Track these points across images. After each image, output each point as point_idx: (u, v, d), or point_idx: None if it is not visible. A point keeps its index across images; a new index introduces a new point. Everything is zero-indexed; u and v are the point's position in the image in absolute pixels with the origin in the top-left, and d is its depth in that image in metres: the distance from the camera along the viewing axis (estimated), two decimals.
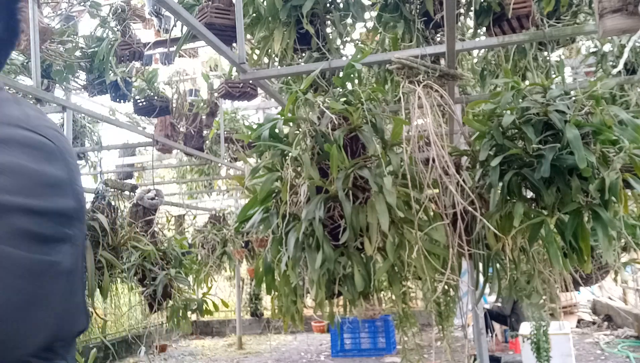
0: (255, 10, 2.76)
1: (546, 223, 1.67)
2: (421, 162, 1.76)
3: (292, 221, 1.82)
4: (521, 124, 1.68)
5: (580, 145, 1.51)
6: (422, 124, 1.80)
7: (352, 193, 1.76)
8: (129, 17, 4.24)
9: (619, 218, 1.61)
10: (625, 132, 1.61)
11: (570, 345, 5.00)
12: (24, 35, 3.27)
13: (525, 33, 2.49)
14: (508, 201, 1.75)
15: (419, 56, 2.02)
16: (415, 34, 2.53)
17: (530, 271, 2.02)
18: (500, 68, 3.22)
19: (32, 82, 2.83)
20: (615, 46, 3.50)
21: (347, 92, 1.89)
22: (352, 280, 1.77)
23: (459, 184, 1.76)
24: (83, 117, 5.39)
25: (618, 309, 7.45)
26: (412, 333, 2.35)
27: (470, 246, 1.84)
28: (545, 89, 1.75)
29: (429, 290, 1.94)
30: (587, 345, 6.73)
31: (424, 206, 1.73)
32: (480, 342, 2.87)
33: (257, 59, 2.86)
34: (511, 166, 1.71)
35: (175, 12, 1.98)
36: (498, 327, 6.66)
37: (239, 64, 2.35)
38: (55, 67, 4.07)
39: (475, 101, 2.05)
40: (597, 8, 1.60)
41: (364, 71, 3.09)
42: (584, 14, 3.04)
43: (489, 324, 6.31)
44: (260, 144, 1.88)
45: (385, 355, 6.79)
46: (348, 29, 2.87)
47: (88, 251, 2.65)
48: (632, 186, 1.63)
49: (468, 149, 1.96)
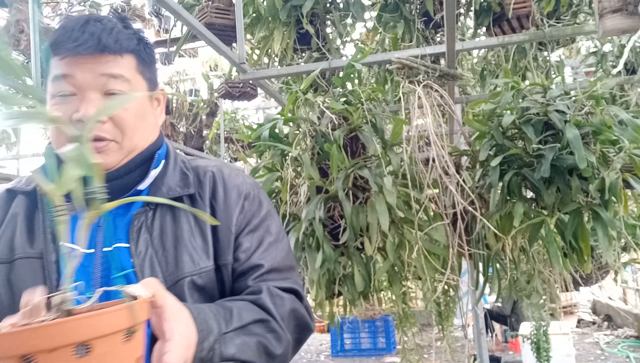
0: (255, 10, 2.76)
1: (546, 223, 1.67)
2: (421, 162, 1.76)
3: (292, 221, 1.82)
4: (521, 124, 1.68)
5: (580, 145, 1.51)
6: (422, 124, 1.80)
7: (352, 193, 1.76)
8: (129, 17, 4.24)
9: (619, 218, 1.61)
10: (625, 132, 1.61)
11: (570, 345, 5.00)
12: (24, 35, 3.27)
13: (525, 33, 2.49)
14: (508, 201, 1.75)
15: (419, 56, 2.02)
16: (415, 34, 2.53)
17: (530, 271, 2.02)
18: (500, 68, 3.22)
19: (32, 82, 2.83)
20: (615, 46, 3.49)
21: (347, 92, 1.89)
22: (352, 280, 1.77)
23: (459, 184, 1.76)
24: None
25: (618, 309, 7.45)
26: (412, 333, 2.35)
27: (470, 246, 1.84)
28: (545, 89, 1.75)
29: (429, 290, 1.94)
30: (587, 345, 6.73)
31: (424, 206, 1.73)
32: (480, 342, 2.87)
33: (257, 59, 2.86)
34: (511, 166, 1.71)
35: (175, 12, 1.98)
36: (498, 327, 6.65)
37: (239, 64, 2.35)
38: None
39: (475, 101, 2.05)
40: (597, 8, 1.60)
41: (364, 71, 3.09)
42: (584, 14, 3.04)
43: (489, 324, 6.31)
44: (260, 144, 1.88)
45: (385, 355, 6.78)
46: (348, 29, 2.87)
47: None
48: (632, 186, 1.64)
49: (468, 149, 1.96)
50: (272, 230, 0.97)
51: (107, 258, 0.86)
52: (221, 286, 0.91)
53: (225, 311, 0.81)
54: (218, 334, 0.76)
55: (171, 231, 0.89)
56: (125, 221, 0.89)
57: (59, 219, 0.59)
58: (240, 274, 0.91)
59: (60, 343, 0.52)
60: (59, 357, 0.52)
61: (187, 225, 0.90)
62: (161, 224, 0.89)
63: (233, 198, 0.95)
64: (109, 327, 0.55)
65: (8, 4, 3.37)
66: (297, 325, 0.91)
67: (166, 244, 0.88)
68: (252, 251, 0.93)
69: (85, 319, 0.54)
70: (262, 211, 0.98)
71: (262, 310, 0.86)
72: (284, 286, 0.92)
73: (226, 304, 0.84)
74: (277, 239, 0.97)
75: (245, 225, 0.94)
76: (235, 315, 0.81)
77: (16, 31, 3.28)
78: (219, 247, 0.91)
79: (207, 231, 0.91)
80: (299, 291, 0.94)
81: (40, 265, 0.85)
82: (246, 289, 0.90)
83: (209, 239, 0.91)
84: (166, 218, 0.90)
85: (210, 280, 0.88)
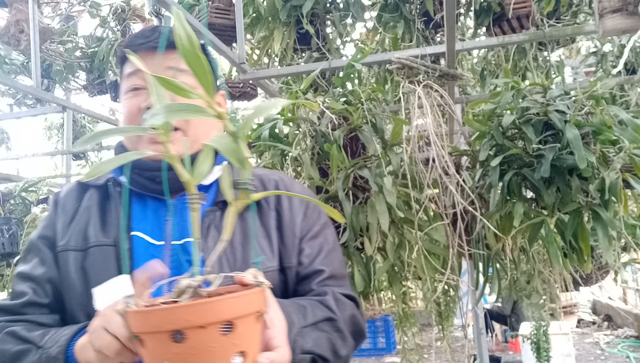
0: (255, 10, 2.76)
1: (546, 223, 1.67)
2: (421, 162, 1.76)
3: None
4: (521, 124, 1.68)
5: (580, 145, 1.51)
6: (422, 124, 1.80)
7: (352, 193, 1.76)
8: (129, 17, 4.23)
9: (619, 218, 1.61)
10: (625, 132, 1.61)
11: (570, 345, 5.00)
12: (24, 35, 3.27)
13: (525, 33, 2.49)
14: (508, 201, 1.75)
15: (419, 56, 2.02)
16: (415, 34, 2.53)
17: (530, 271, 2.02)
18: (500, 68, 3.21)
19: (32, 82, 2.83)
20: (615, 46, 3.49)
21: (347, 92, 1.89)
22: (352, 280, 1.77)
23: (459, 184, 1.76)
24: (83, 117, 5.39)
25: (618, 309, 7.45)
26: (412, 333, 2.34)
27: (470, 246, 1.84)
28: (545, 89, 1.75)
29: (429, 290, 1.94)
30: (587, 345, 6.73)
31: (424, 206, 1.73)
32: (480, 342, 2.87)
33: (257, 59, 2.86)
34: (511, 166, 1.71)
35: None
36: (498, 327, 6.65)
37: (239, 64, 2.35)
38: (55, 67, 4.07)
39: (475, 101, 2.05)
40: (597, 8, 1.60)
41: (364, 71, 3.08)
42: (584, 14, 3.03)
43: (489, 324, 6.30)
44: (260, 144, 1.87)
45: (386, 355, 6.78)
46: (348, 29, 2.87)
47: None
48: (632, 186, 1.63)
49: (468, 149, 1.96)
50: (329, 238, 1.03)
51: (175, 251, 0.91)
52: (284, 287, 0.95)
53: (300, 307, 0.86)
54: (299, 327, 0.81)
55: (239, 230, 0.93)
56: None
57: (193, 207, 0.63)
58: (303, 277, 0.96)
59: (211, 321, 0.56)
60: (207, 333, 0.56)
61: (254, 226, 0.95)
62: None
63: (296, 204, 1.01)
64: (249, 307, 0.60)
65: (8, 4, 3.37)
66: (354, 330, 0.95)
67: (234, 242, 0.92)
68: (314, 257, 0.98)
69: (233, 299, 0.58)
70: (321, 219, 1.04)
71: (329, 310, 0.90)
72: (344, 293, 0.96)
73: (299, 301, 0.88)
74: (334, 247, 1.03)
75: (307, 231, 1.00)
76: (309, 311, 0.86)
77: (16, 31, 3.28)
78: (284, 250, 0.96)
79: (272, 234, 0.96)
80: (356, 298, 0.99)
81: (114, 253, 0.91)
82: (310, 292, 0.95)
83: (274, 241, 0.96)
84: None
85: (274, 280, 0.92)
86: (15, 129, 20.14)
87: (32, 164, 13.22)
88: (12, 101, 4.81)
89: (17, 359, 0.83)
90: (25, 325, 0.89)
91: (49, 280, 0.93)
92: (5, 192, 3.35)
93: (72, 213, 0.98)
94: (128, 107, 0.97)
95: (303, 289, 0.96)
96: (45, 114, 5.47)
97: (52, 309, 0.93)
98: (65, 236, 0.95)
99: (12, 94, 4.75)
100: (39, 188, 3.36)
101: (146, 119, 0.51)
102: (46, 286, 0.93)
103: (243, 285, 0.66)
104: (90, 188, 1.00)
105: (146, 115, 0.51)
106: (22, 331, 0.86)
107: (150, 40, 0.95)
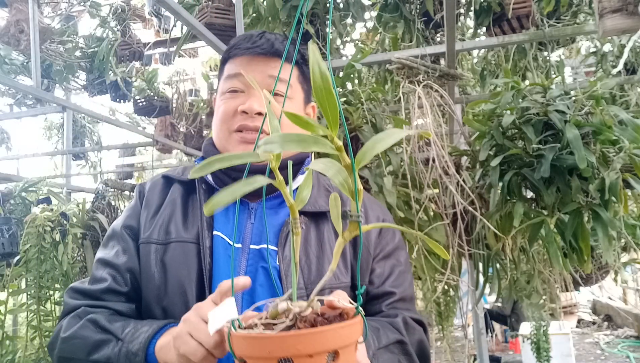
0: (255, 10, 2.75)
1: (546, 223, 1.67)
2: (421, 162, 1.76)
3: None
4: (521, 124, 1.68)
5: (580, 145, 1.51)
6: (422, 124, 1.80)
7: None
8: (129, 17, 4.24)
9: (619, 218, 1.61)
10: (625, 132, 1.60)
11: (570, 345, 5.00)
12: (24, 35, 3.27)
13: (525, 33, 2.49)
14: (508, 201, 1.75)
15: (419, 56, 2.02)
16: (415, 34, 2.53)
17: (530, 271, 2.02)
18: (500, 68, 3.21)
19: (32, 82, 2.83)
20: (615, 46, 3.49)
21: (347, 92, 1.89)
22: None
23: (459, 184, 1.76)
24: (83, 117, 5.39)
25: (618, 309, 7.45)
26: None
27: (470, 246, 1.84)
28: (545, 89, 1.75)
29: (429, 290, 1.94)
30: (587, 345, 6.73)
31: (424, 206, 1.73)
32: (480, 342, 2.87)
33: None
34: (511, 166, 1.71)
35: (175, 12, 1.98)
36: (498, 327, 6.65)
37: None
38: (55, 67, 4.07)
39: (475, 101, 2.05)
40: (597, 8, 1.60)
41: (364, 71, 3.08)
42: (584, 14, 3.03)
43: (489, 324, 6.31)
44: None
45: None
46: (348, 29, 2.87)
47: (88, 251, 2.65)
48: (632, 186, 1.63)
49: (468, 149, 1.96)
50: (401, 259, 1.02)
51: (252, 255, 0.91)
52: None
53: (374, 329, 0.86)
54: (374, 349, 0.82)
55: (315, 242, 0.94)
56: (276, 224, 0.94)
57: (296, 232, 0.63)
58: (373, 297, 0.96)
59: (320, 350, 0.56)
60: (314, 362, 0.56)
61: (330, 240, 0.95)
62: (306, 234, 0.94)
63: (372, 222, 1.00)
64: (352, 336, 0.60)
65: (8, 4, 3.37)
66: (421, 355, 0.95)
67: (309, 253, 0.92)
68: (385, 278, 0.97)
69: (340, 329, 0.58)
70: (395, 239, 1.03)
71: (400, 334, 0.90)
72: (413, 317, 0.96)
73: (371, 322, 0.88)
74: (406, 269, 1.03)
75: (380, 250, 0.99)
76: (382, 333, 0.86)
77: (16, 31, 3.28)
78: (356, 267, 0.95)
79: (347, 250, 0.95)
80: (424, 323, 0.98)
81: (195, 250, 0.92)
82: (379, 312, 0.94)
83: (348, 257, 0.95)
84: (310, 229, 0.95)
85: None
86: (15, 129, 20.15)
87: (32, 164, 13.24)
88: (12, 101, 4.81)
89: (98, 347, 0.85)
90: (105, 313, 0.91)
91: (129, 270, 0.95)
92: (5, 192, 3.35)
93: (157, 206, 0.99)
94: (225, 108, 0.99)
95: (372, 309, 0.95)
96: (45, 114, 5.47)
97: (130, 298, 0.95)
98: (149, 229, 0.96)
99: (12, 94, 4.75)
100: (39, 188, 3.35)
101: (260, 146, 0.51)
102: (126, 275, 0.94)
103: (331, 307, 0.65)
104: (174, 182, 1.02)
105: (261, 142, 0.51)
106: (103, 320, 0.88)
107: (257, 47, 0.96)
